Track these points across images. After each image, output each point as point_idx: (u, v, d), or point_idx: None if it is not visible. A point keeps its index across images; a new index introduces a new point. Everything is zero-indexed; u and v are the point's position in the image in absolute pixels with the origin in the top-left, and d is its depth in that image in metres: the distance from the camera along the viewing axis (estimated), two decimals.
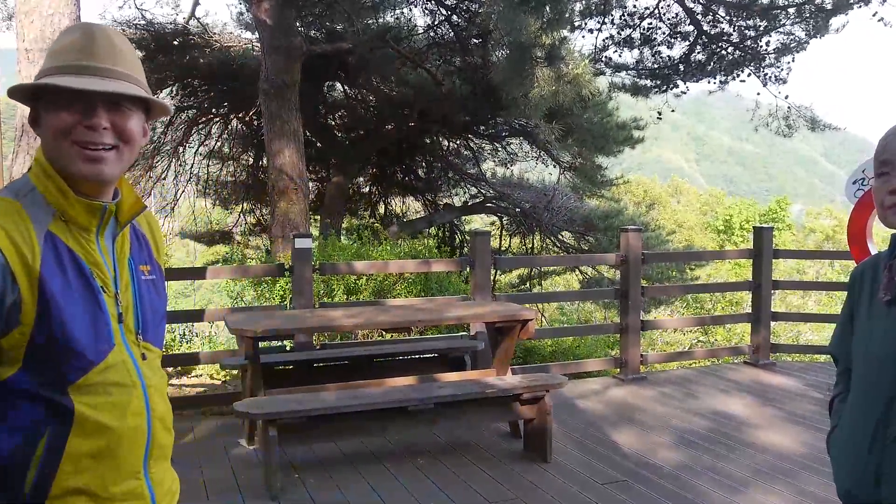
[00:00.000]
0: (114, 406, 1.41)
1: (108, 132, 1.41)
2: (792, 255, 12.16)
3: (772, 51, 11.49)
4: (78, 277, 1.40)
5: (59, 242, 1.39)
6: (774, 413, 5.86)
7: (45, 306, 1.34)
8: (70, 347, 1.36)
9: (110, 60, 1.42)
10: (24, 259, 1.33)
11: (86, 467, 1.39)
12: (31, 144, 3.28)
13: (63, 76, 1.37)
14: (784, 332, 15.86)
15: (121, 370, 1.43)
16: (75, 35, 1.43)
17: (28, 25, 3.31)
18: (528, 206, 13.42)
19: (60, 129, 1.38)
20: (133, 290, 1.51)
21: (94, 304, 1.41)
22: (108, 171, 1.42)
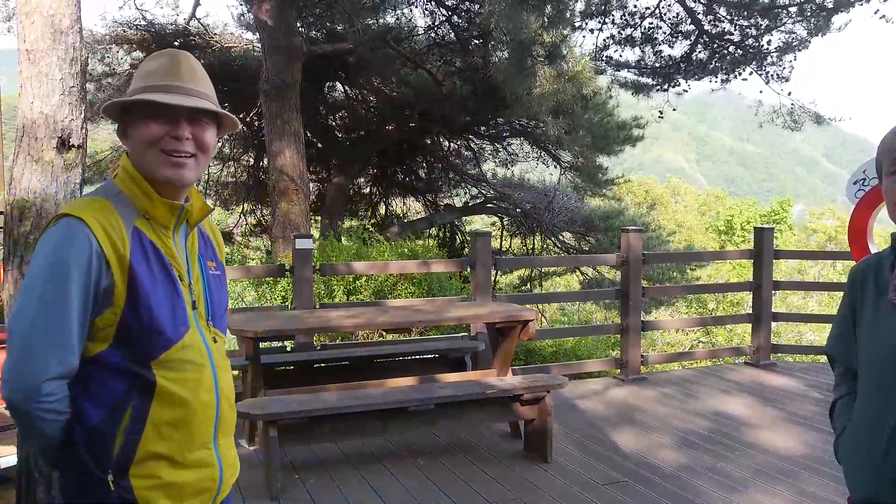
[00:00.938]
0: (189, 381, 1.61)
1: (189, 142, 1.63)
2: (793, 256, 12.16)
3: (773, 49, 11.50)
4: (160, 267, 1.61)
5: (144, 237, 1.61)
6: (775, 413, 5.86)
7: (133, 291, 1.55)
8: (154, 327, 1.56)
9: (191, 81, 1.66)
10: (116, 249, 1.54)
11: (165, 435, 1.58)
12: (32, 145, 3.28)
13: (153, 93, 1.60)
14: (785, 332, 15.85)
15: (195, 350, 1.63)
16: (163, 59, 1.67)
17: (29, 26, 3.31)
18: (528, 206, 13.42)
19: (150, 139, 1.61)
20: (203, 282, 1.73)
21: (172, 290, 1.62)
22: (188, 176, 1.65)
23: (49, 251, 1.52)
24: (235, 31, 13.75)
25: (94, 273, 1.51)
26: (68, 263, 1.49)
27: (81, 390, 1.55)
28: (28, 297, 1.51)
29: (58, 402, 1.51)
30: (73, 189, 3.41)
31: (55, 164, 3.33)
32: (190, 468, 1.62)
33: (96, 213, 1.55)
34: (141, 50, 12.46)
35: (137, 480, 1.56)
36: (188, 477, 1.62)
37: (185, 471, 1.61)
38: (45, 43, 3.29)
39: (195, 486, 1.63)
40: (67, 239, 1.51)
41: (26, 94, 3.30)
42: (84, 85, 3.48)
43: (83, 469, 1.55)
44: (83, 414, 1.55)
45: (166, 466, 1.58)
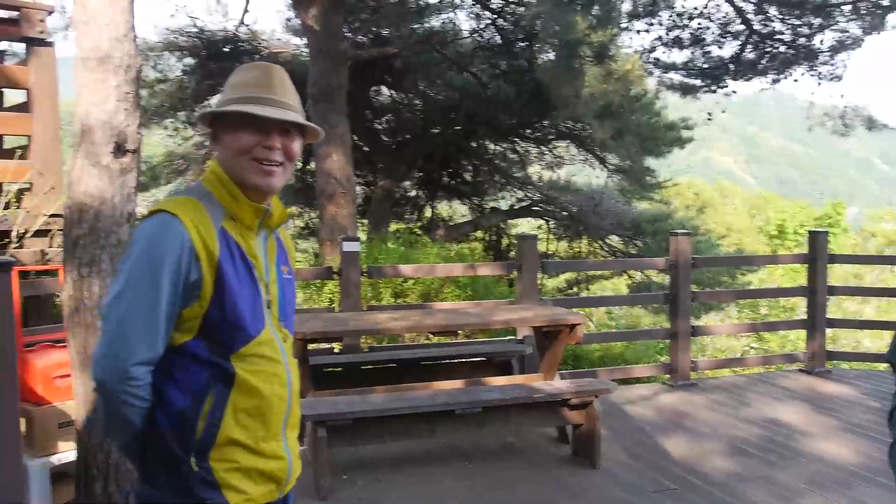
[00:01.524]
0: (264, 374, 1.71)
1: (279, 152, 1.73)
2: (849, 261, 11.83)
3: (826, 49, 11.22)
4: (243, 267, 1.71)
5: (230, 237, 1.70)
6: (830, 422, 5.71)
7: (220, 286, 1.64)
8: (236, 322, 1.66)
9: (282, 94, 1.75)
10: (206, 246, 1.63)
11: (243, 423, 1.68)
12: (89, 150, 3.36)
13: (248, 105, 1.69)
14: (841, 338, 15.45)
15: (270, 346, 1.74)
16: (256, 72, 1.77)
17: (86, 35, 3.39)
18: (575, 209, 13.33)
19: (243, 148, 1.71)
20: (278, 284, 1.82)
21: (253, 289, 1.72)
22: (276, 183, 1.75)
23: (144, 243, 1.62)
24: (283, 36, 13.95)
25: (184, 266, 1.61)
26: (162, 256, 1.59)
27: (166, 377, 1.65)
28: (123, 285, 1.61)
29: (142, 389, 1.62)
30: (128, 192, 3.49)
31: (111, 168, 3.41)
32: (264, 457, 1.72)
33: (189, 211, 1.65)
34: (192, 56, 12.71)
35: (217, 463, 1.66)
36: (262, 465, 1.72)
37: (259, 459, 1.71)
38: (102, 51, 3.37)
39: (268, 474, 1.73)
40: (162, 233, 1.61)
41: (83, 100, 3.39)
42: (138, 91, 3.55)
43: (167, 452, 1.65)
44: (167, 399, 1.65)
45: (243, 452, 1.68)
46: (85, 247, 3.36)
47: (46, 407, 3.91)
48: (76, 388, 3.42)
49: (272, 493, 1.77)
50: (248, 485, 1.70)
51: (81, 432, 3.43)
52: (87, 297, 3.36)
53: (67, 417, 3.87)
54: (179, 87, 12.69)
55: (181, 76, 12.86)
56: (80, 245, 3.36)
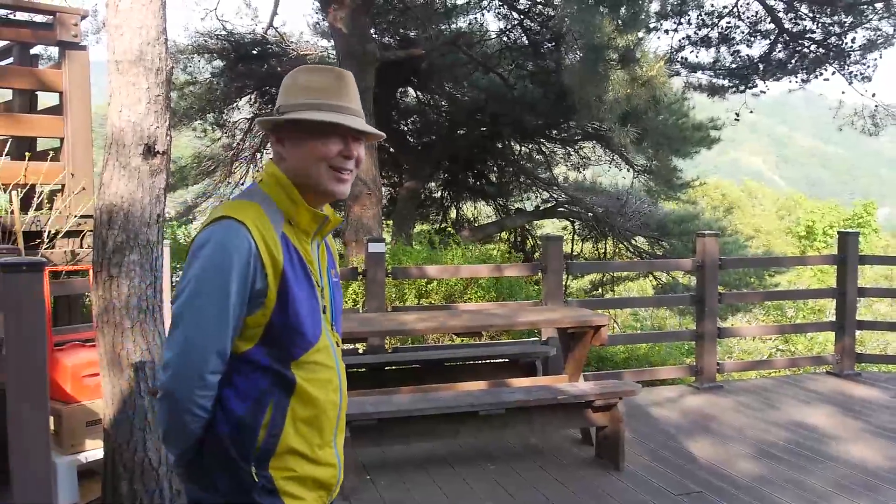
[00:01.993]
0: (321, 381, 1.70)
1: (352, 160, 1.74)
2: (880, 261, 11.65)
3: (857, 47, 11.06)
4: (302, 272, 1.69)
5: (289, 242, 1.68)
6: (859, 425, 5.63)
7: (284, 293, 1.62)
8: (298, 329, 1.65)
9: (354, 102, 1.75)
10: (271, 252, 1.62)
11: (301, 432, 1.67)
12: (120, 152, 3.42)
13: (331, 113, 1.69)
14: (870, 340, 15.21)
15: (327, 353, 1.73)
16: (330, 78, 1.75)
17: (118, 38, 3.45)
18: (600, 210, 13.27)
19: (322, 156, 1.70)
20: (330, 289, 1.81)
21: (312, 295, 1.71)
22: (347, 190, 1.77)
23: (212, 249, 1.59)
24: (311, 38, 14.05)
25: (251, 274, 1.59)
26: (230, 263, 1.57)
27: (227, 384, 1.64)
28: (192, 291, 1.59)
29: (208, 399, 1.61)
30: (157, 194, 3.55)
31: (141, 170, 3.47)
32: (319, 465, 1.72)
33: (253, 216, 1.63)
34: (221, 59, 12.84)
35: (276, 472, 1.66)
36: (317, 472, 1.72)
37: (315, 467, 1.71)
38: (133, 54, 3.43)
39: (322, 482, 1.74)
40: (229, 240, 1.59)
41: (115, 102, 3.45)
42: (168, 94, 3.61)
43: (226, 458, 1.64)
44: (228, 406, 1.64)
45: (301, 461, 1.68)
46: (115, 247, 3.42)
47: (75, 405, 3.98)
48: (104, 387, 3.49)
49: (322, 500, 1.77)
50: (304, 492, 1.70)
51: (109, 431, 3.49)
52: (116, 297, 3.42)
53: (95, 416, 3.94)
54: (209, 89, 12.83)
55: (210, 78, 13.00)
56: (109, 246, 3.42)
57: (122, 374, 3.44)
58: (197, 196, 14.80)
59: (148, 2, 3.44)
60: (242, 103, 13.98)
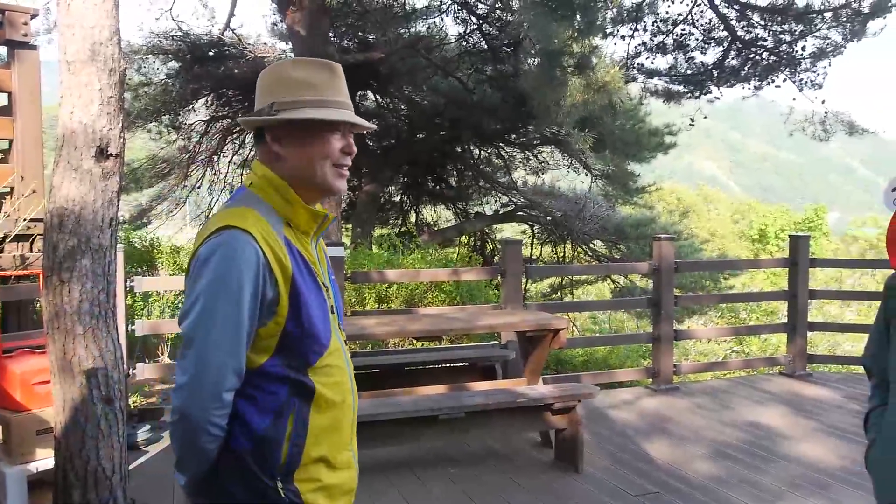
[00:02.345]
0: (337, 385, 1.67)
1: (351, 156, 1.71)
2: (829, 265, 11.94)
3: (807, 55, 11.32)
4: (309, 275, 1.65)
5: (292, 245, 1.64)
6: (811, 425, 5.76)
7: (295, 299, 1.58)
8: (313, 334, 1.61)
9: (346, 95, 1.72)
10: (279, 260, 1.57)
11: (322, 439, 1.63)
12: (72, 154, 3.34)
13: (332, 110, 1.66)
14: (821, 342, 15.58)
15: (338, 354, 1.69)
16: (325, 72, 1.70)
17: (69, 38, 3.37)
18: (559, 214, 13.36)
19: (326, 153, 1.67)
20: (332, 288, 1.77)
21: (321, 296, 1.67)
22: (345, 186, 1.76)
23: (219, 263, 1.53)
24: (269, 40, 13.90)
25: (261, 284, 1.54)
26: (241, 276, 1.51)
27: (243, 398, 1.58)
28: (202, 307, 1.52)
29: (224, 418, 1.55)
30: (110, 197, 3.47)
31: (94, 173, 3.39)
32: (341, 469, 1.69)
33: (255, 223, 1.57)
34: (177, 60, 12.64)
35: (302, 484, 1.61)
36: (341, 478, 1.69)
37: (337, 472, 1.68)
38: (85, 54, 3.36)
39: (343, 487, 1.70)
40: (235, 251, 1.53)
41: (66, 104, 3.37)
42: (122, 95, 3.54)
43: (248, 474, 1.58)
44: (247, 423, 1.58)
45: (325, 469, 1.65)
46: (66, 252, 3.34)
47: (25, 414, 3.88)
48: (55, 395, 3.40)
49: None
50: (330, 502, 1.67)
51: (60, 439, 3.40)
52: (68, 302, 3.34)
53: (46, 424, 3.84)
54: (164, 90, 12.61)
55: (165, 80, 12.79)
56: (60, 250, 3.35)
57: (74, 381, 3.36)
58: (152, 199, 14.55)
59: (100, 1, 3.37)
60: (199, 105, 13.77)
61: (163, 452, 5.16)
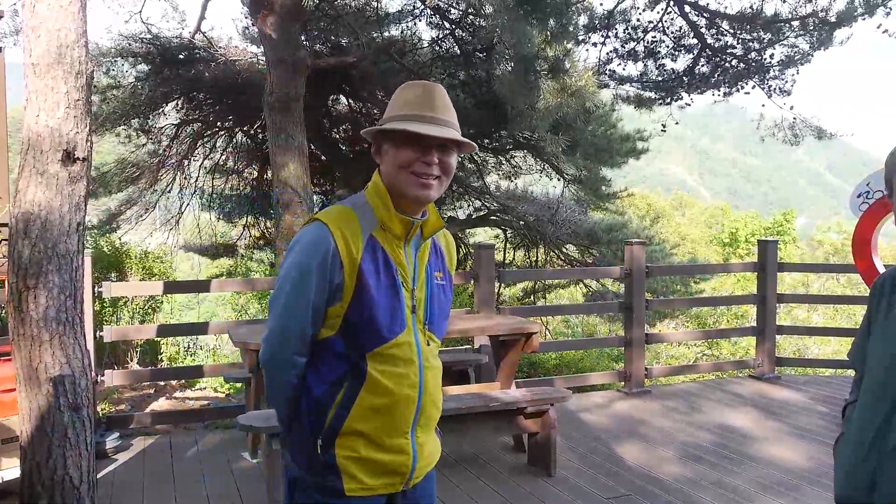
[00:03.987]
0: (396, 375, 1.85)
1: (436, 167, 1.85)
2: (797, 269, 12.13)
3: (776, 63, 11.50)
4: (386, 274, 1.85)
5: (378, 245, 1.86)
6: (780, 427, 5.83)
7: (360, 291, 1.81)
8: (372, 325, 1.82)
9: (442, 112, 1.87)
10: (350, 252, 1.81)
11: (368, 417, 1.84)
12: (37, 158, 3.29)
13: (411, 122, 1.82)
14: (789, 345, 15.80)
15: (406, 349, 1.86)
16: (418, 91, 1.91)
17: (35, 40, 3.32)
18: (532, 219, 13.40)
19: (404, 162, 1.84)
20: (427, 290, 1.93)
21: (394, 295, 1.85)
22: (433, 195, 1.88)
23: (299, 248, 1.85)
24: (240, 44, 13.79)
25: (328, 269, 1.80)
26: (310, 260, 1.80)
27: (311, 367, 1.88)
28: (280, 284, 1.86)
29: (297, 373, 1.88)
30: (77, 201, 3.42)
31: (60, 177, 3.34)
32: (386, 451, 1.86)
33: (340, 219, 1.85)
34: (146, 63, 12.51)
35: (340, 450, 1.85)
36: (383, 458, 1.86)
37: (380, 452, 1.86)
38: (51, 57, 3.31)
39: (387, 467, 1.87)
40: (313, 239, 1.82)
41: (32, 107, 3.32)
42: (89, 98, 3.50)
43: (304, 434, 1.88)
44: (310, 388, 1.88)
45: (364, 444, 1.85)
46: (31, 257, 3.29)
47: None
48: (21, 403, 3.34)
49: (395, 485, 1.90)
50: (365, 475, 1.85)
51: (26, 448, 3.34)
52: (33, 309, 3.28)
53: (12, 433, 3.77)
54: (133, 93, 12.45)
55: (135, 83, 12.64)
56: (26, 256, 3.29)
57: (40, 388, 3.30)
58: (121, 203, 14.35)
59: (67, 3, 3.33)
60: (168, 109, 13.62)
61: (132, 460, 5.09)
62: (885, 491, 1.58)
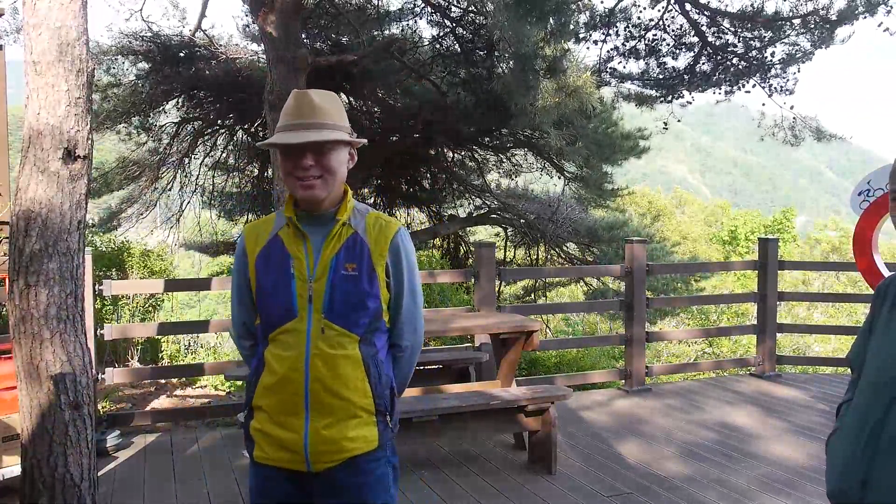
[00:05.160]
0: (282, 358, 2.02)
1: (314, 167, 2.01)
2: (797, 267, 12.12)
3: (777, 61, 11.48)
4: (279, 266, 2.05)
5: (279, 242, 2.08)
6: (780, 424, 5.84)
7: (256, 281, 2.09)
8: (265, 312, 2.07)
9: (311, 116, 2.02)
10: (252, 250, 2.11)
11: (264, 394, 2.06)
12: (38, 156, 3.29)
13: (282, 133, 2.02)
14: (789, 343, 15.80)
15: (294, 335, 2.01)
16: (291, 101, 2.06)
17: (36, 38, 3.32)
18: (532, 217, 13.41)
19: (286, 170, 2.05)
20: (328, 281, 2.02)
21: (284, 285, 2.03)
22: (318, 193, 2.03)
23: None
24: (241, 42, 13.79)
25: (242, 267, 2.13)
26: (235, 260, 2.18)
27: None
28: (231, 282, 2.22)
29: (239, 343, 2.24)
30: (78, 199, 3.42)
31: (61, 175, 3.34)
32: (280, 427, 2.03)
33: (257, 224, 2.18)
34: (147, 61, 12.51)
35: (253, 421, 2.10)
36: (278, 433, 2.03)
37: (275, 427, 2.04)
38: (52, 55, 3.31)
39: (283, 442, 2.03)
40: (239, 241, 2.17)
41: (32, 104, 3.32)
42: (90, 96, 3.49)
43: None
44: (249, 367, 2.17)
45: (265, 418, 2.06)
46: (32, 255, 3.29)
47: None
48: (22, 401, 3.34)
49: (295, 462, 2.03)
50: (266, 445, 2.06)
51: (27, 446, 3.35)
52: (34, 306, 3.29)
53: (13, 431, 3.78)
54: (133, 91, 12.45)
55: (135, 81, 12.63)
56: (26, 253, 3.29)
57: (41, 386, 3.30)
58: (122, 202, 14.35)
59: (68, 1, 3.33)
60: (169, 107, 13.62)
61: (132, 458, 5.10)
62: (877, 486, 1.59)
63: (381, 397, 2.07)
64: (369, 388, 2.04)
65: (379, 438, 2.07)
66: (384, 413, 2.09)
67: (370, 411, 2.05)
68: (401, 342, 2.19)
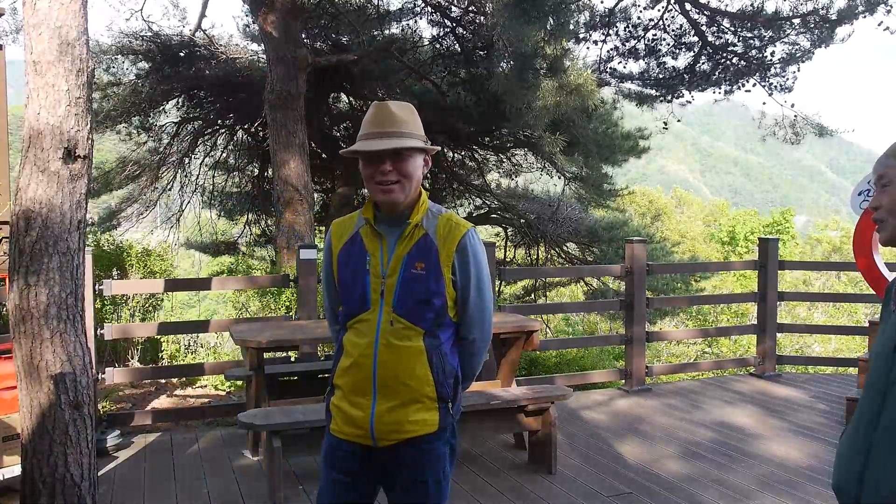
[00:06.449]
0: (356, 345, 2.22)
1: (392, 173, 2.17)
2: (797, 267, 12.12)
3: (777, 61, 11.48)
4: (358, 262, 2.24)
5: (359, 239, 2.27)
6: (780, 424, 5.84)
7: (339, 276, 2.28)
8: (346, 302, 2.27)
9: (390, 125, 2.18)
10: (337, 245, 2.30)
11: (341, 374, 2.27)
12: (38, 156, 3.29)
13: (364, 141, 2.18)
14: (790, 343, 15.80)
15: (367, 325, 2.21)
16: (372, 111, 2.22)
17: (36, 38, 3.32)
18: (532, 217, 13.41)
19: (367, 176, 2.20)
20: (398, 277, 2.19)
21: (360, 279, 2.22)
22: (396, 197, 2.19)
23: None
24: (241, 42, 13.80)
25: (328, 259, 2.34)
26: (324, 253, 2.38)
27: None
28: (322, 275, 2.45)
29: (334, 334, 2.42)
30: (78, 199, 3.42)
31: (61, 175, 3.34)
32: (351, 405, 2.24)
33: (343, 221, 2.36)
34: (147, 60, 12.51)
35: (332, 398, 2.32)
36: (349, 410, 2.24)
37: (347, 405, 2.24)
38: (52, 54, 3.31)
39: (352, 419, 2.23)
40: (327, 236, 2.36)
41: (33, 104, 3.32)
42: (90, 96, 3.49)
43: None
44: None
45: (340, 396, 2.27)
46: (32, 255, 3.29)
47: None
48: (22, 400, 3.34)
49: (362, 437, 2.23)
50: (339, 420, 2.27)
51: (27, 446, 3.35)
52: (34, 305, 3.29)
53: (13, 430, 3.78)
54: (133, 91, 12.46)
55: (135, 80, 12.64)
56: (27, 253, 3.29)
57: (41, 385, 3.30)
58: (122, 201, 14.36)
59: (68, 1, 3.33)
60: (169, 106, 13.64)
61: (132, 458, 5.10)
62: (872, 478, 1.61)
63: (443, 385, 2.24)
64: (431, 377, 2.22)
65: (440, 422, 2.25)
66: (446, 400, 2.26)
67: (433, 398, 2.23)
68: (468, 336, 2.33)
